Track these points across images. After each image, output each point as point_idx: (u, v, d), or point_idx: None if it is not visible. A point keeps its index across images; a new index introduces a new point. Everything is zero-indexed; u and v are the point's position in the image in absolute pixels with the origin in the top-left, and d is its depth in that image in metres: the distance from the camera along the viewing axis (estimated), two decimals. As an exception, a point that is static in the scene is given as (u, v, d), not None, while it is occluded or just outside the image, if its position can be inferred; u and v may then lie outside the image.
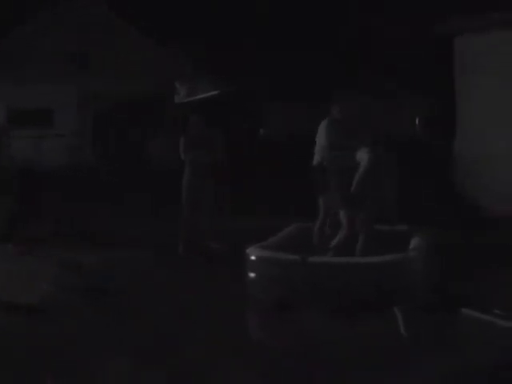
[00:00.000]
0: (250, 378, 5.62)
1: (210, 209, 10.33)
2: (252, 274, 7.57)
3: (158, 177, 15.89)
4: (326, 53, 20.11)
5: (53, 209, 13.66)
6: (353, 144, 8.13)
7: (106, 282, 8.70)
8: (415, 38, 13.99)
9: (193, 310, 7.45)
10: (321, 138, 8.79)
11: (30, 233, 11.60)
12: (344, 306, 6.85)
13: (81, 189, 15.94)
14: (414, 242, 7.96)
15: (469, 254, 8.90)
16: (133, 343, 6.45)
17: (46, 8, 23.87)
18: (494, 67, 11.48)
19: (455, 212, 11.13)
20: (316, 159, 8.88)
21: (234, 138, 17.12)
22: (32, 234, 11.55)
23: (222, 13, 23.64)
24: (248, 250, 7.72)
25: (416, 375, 5.58)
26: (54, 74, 22.42)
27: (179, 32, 24.00)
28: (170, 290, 8.34)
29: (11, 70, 22.19)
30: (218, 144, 10.35)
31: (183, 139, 10.32)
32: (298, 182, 9.97)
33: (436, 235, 8.78)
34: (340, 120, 8.71)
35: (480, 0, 11.90)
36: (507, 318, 6.50)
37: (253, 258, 7.61)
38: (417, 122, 15.13)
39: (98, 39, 23.04)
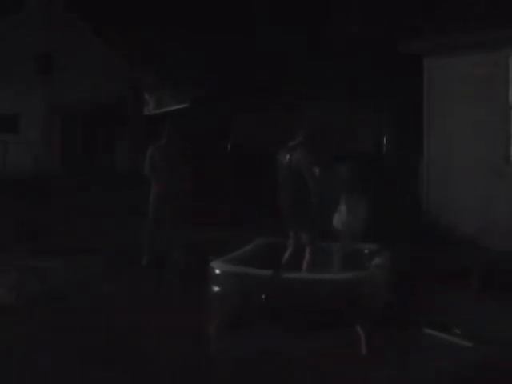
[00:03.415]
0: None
1: (174, 221, 10.32)
2: (216, 288, 7.57)
3: (124, 181, 15.86)
4: (294, 65, 20.20)
5: (16, 215, 13.56)
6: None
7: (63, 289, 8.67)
8: (381, 53, 14.10)
9: (149, 320, 7.45)
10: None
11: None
12: (307, 322, 6.86)
13: (46, 194, 15.88)
14: (377, 260, 8.03)
15: (431, 273, 8.96)
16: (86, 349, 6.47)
17: (11, 13, 23.74)
18: (462, 85, 11.63)
19: (420, 229, 11.23)
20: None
21: (202, 150, 17.15)
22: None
23: (188, 21, 23.59)
24: (212, 264, 7.72)
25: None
26: (19, 80, 22.29)
27: (144, 41, 23.93)
28: (128, 301, 8.31)
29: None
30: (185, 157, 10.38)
31: (151, 151, 10.30)
32: (266, 196, 9.96)
33: (399, 253, 8.87)
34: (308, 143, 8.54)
35: (449, 21, 12.04)
36: (466, 338, 6.59)
37: (217, 271, 7.61)
38: (384, 139, 15.26)
39: (62, 44, 22.97)
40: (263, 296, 7.08)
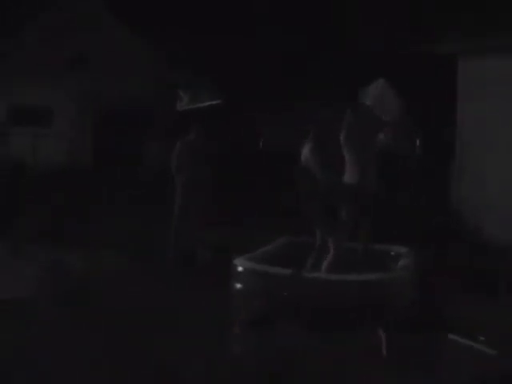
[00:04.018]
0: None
1: (199, 219, 10.27)
2: (238, 285, 7.51)
3: (155, 180, 15.85)
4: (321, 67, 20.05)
5: (45, 208, 13.60)
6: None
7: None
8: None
9: (171, 317, 7.42)
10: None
11: (19, 232, 11.53)
12: (328, 323, 6.77)
13: (76, 189, 15.92)
14: (403, 262, 7.90)
15: (458, 275, 8.76)
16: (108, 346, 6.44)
17: (46, 8, 23.87)
18: (496, 90, 11.44)
19: (448, 229, 11.04)
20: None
21: (233, 148, 17.12)
22: (21, 233, 11.48)
23: (221, 21, 23.57)
24: (235, 261, 7.66)
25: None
26: (54, 74, 22.40)
27: (181, 39, 23.93)
28: (151, 295, 8.31)
29: (12, 69, 22.18)
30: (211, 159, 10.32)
31: (179, 146, 10.26)
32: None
33: (425, 255, 8.74)
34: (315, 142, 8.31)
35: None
36: (491, 346, 6.44)
37: (240, 269, 7.55)
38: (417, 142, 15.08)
39: (98, 40, 23.05)
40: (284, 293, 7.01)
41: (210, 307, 7.64)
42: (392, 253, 8.46)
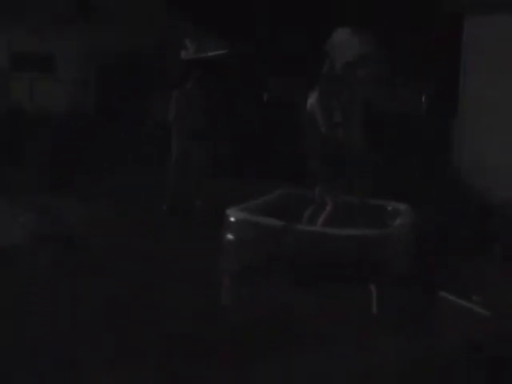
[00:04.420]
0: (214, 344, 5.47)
1: (197, 169, 10.10)
2: (230, 236, 7.34)
3: (158, 131, 15.66)
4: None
5: (39, 154, 13.43)
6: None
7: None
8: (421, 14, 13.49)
9: (163, 267, 7.35)
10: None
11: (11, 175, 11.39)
12: (319, 277, 6.59)
13: (75, 137, 15.73)
14: (400, 219, 7.71)
15: (456, 238, 8.59)
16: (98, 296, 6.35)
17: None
18: (501, 49, 11.12)
19: (450, 194, 10.83)
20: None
21: (237, 100, 16.85)
22: (13, 176, 11.34)
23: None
24: (228, 211, 7.48)
25: (382, 352, 5.44)
26: (56, 20, 22.05)
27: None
28: (143, 246, 8.20)
29: (14, 14, 21.82)
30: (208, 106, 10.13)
31: (176, 94, 10.07)
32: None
33: (426, 214, 8.56)
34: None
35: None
36: (485, 306, 6.29)
37: (232, 219, 7.37)
38: (422, 99, 14.77)
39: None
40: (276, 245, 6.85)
41: (204, 259, 7.53)
42: (389, 208, 8.26)
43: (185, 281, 6.92)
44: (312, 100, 7.81)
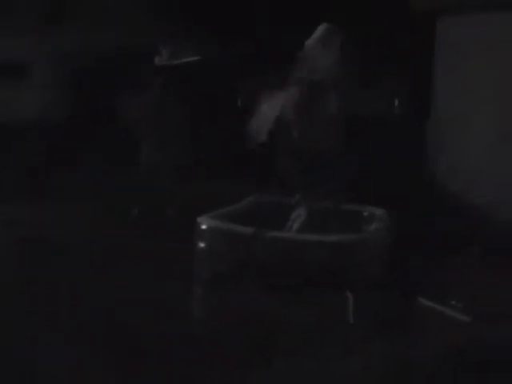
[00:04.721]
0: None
1: (169, 173, 9.93)
2: (201, 245, 7.13)
3: (130, 135, 15.50)
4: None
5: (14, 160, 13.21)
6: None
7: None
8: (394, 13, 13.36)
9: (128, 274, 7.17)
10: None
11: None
12: (292, 284, 6.43)
13: (49, 143, 15.49)
14: (376, 224, 7.54)
15: (432, 241, 8.40)
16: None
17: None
18: (474, 49, 11.00)
19: (424, 196, 10.68)
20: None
21: (211, 105, 16.69)
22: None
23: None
24: (199, 219, 7.27)
25: (357, 361, 5.25)
26: (29, 27, 21.74)
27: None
28: (110, 251, 8.02)
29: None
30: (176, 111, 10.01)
31: (145, 100, 9.98)
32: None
33: (400, 219, 8.40)
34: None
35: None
36: (464, 312, 6.12)
37: (203, 227, 7.17)
38: (395, 102, 14.65)
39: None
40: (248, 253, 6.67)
41: (173, 266, 7.31)
42: (365, 213, 8.09)
43: (152, 290, 6.71)
44: (285, 103, 7.64)
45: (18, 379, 4.79)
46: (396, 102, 13.62)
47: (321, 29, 7.56)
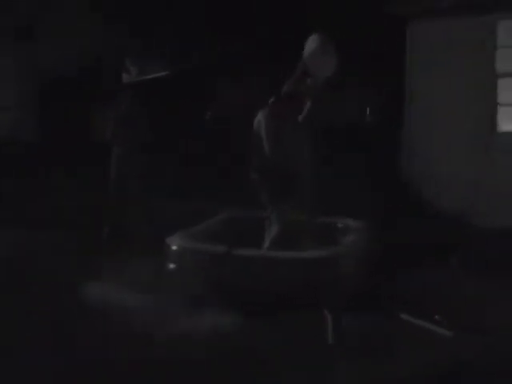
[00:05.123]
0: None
1: (139, 192, 9.69)
2: (171, 265, 6.84)
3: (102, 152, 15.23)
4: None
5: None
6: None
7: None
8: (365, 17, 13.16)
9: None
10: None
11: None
12: (266, 304, 6.12)
13: (18, 165, 15.16)
14: (351, 236, 7.28)
15: (410, 253, 8.15)
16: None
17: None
18: (446, 52, 10.85)
19: (399, 206, 10.46)
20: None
21: (180, 119, 16.46)
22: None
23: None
24: (168, 239, 6.98)
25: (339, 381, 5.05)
26: None
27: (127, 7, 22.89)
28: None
29: None
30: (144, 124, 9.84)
31: (114, 116, 9.76)
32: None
33: (376, 230, 8.16)
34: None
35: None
36: (447, 326, 5.87)
37: (173, 247, 6.88)
38: (367, 110, 14.45)
39: (39, 11, 22.03)
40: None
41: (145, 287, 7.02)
42: (340, 225, 7.84)
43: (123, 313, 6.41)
44: (260, 117, 7.38)
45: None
46: (367, 111, 13.42)
47: (317, 38, 7.33)
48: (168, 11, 22.49)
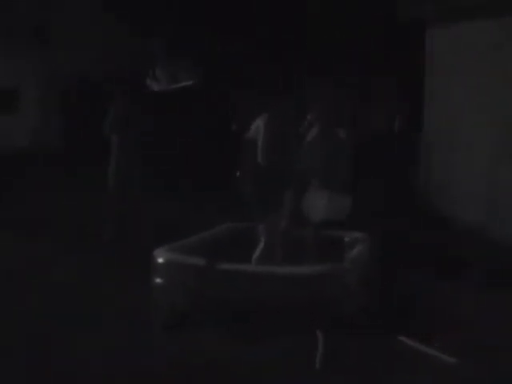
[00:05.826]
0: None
1: (139, 196, 9.40)
2: (157, 280, 6.39)
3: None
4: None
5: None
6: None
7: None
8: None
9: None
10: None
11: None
12: (254, 323, 5.72)
13: (40, 172, 14.90)
14: (354, 252, 6.75)
15: (423, 265, 7.57)
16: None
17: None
18: (466, 55, 10.32)
19: (415, 215, 9.90)
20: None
21: (206, 130, 16.20)
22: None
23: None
24: (156, 252, 6.53)
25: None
26: (16, 52, 21.28)
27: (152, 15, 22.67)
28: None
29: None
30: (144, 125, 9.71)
31: (111, 115, 9.78)
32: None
33: (389, 240, 7.66)
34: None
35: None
36: (450, 352, 5.33)
37: (159, 260, 6.43)
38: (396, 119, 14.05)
39: (61, 14, 21.90)
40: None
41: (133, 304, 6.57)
42: (346, 239, 7.32)
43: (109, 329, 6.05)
44: (259, 122, 6.97)
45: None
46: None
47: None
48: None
